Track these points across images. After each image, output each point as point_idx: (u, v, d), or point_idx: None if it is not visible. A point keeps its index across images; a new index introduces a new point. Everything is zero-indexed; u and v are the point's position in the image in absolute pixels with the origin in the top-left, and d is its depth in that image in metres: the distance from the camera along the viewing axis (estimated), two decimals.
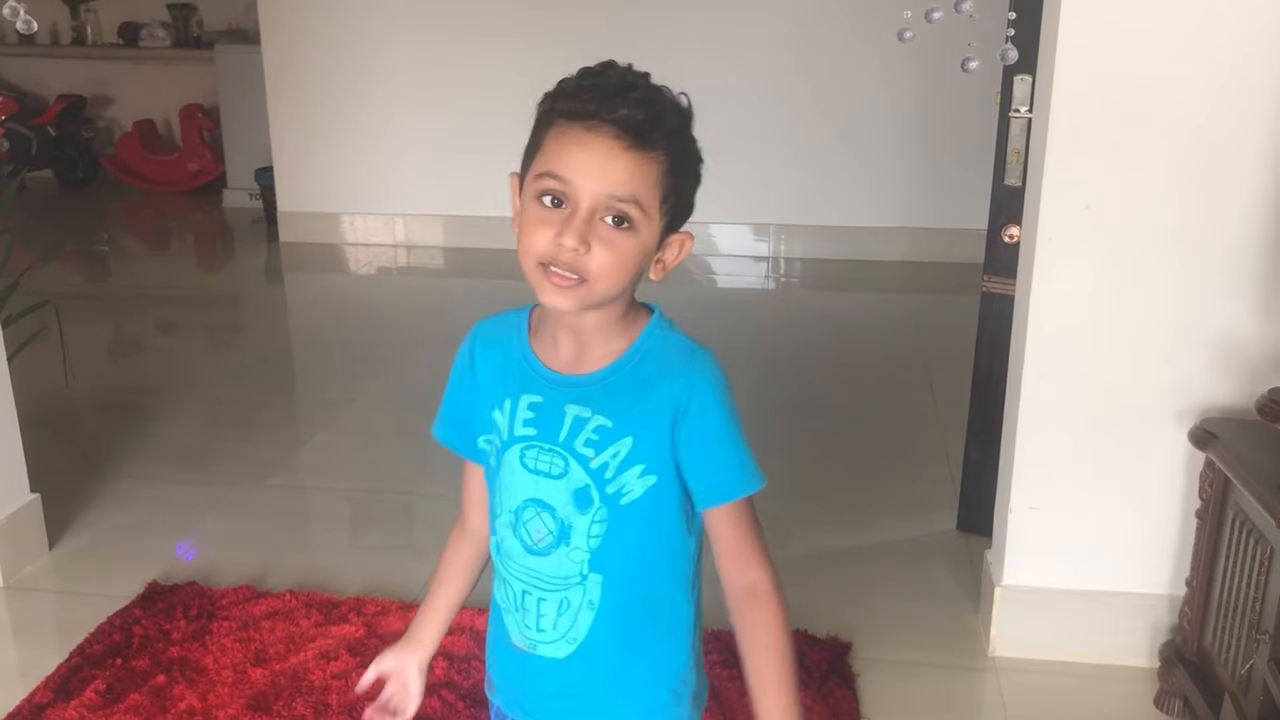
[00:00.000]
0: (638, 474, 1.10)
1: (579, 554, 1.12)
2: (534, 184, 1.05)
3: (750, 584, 1.14)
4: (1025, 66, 2.24)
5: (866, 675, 2.15)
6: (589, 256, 1.03)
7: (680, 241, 1.12)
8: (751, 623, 1.14)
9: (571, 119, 1.03)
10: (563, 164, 1.03)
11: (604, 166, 1.02)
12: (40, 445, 2.67)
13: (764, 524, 2.72)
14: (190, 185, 6.77)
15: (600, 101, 1.02)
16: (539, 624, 1.16)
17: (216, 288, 5.43)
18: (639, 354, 1.11)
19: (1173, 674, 2.01)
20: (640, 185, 1.03)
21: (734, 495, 1.13)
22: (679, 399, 1.09)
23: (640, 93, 1.04)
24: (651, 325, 1.13)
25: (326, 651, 2.15)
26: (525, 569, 1.15)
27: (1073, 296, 2.04)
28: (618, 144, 1.02)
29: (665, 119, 1.05)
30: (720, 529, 1.15)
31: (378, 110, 5.39)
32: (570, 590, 1.14)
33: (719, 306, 4.81)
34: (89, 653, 2.16)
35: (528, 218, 1.06)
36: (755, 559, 1.14)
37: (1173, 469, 2.08)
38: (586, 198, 1.02)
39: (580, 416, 1.10)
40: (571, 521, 1.11)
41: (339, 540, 2.74)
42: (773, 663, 1.13)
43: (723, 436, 1.11)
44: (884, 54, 4.90)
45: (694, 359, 1.11)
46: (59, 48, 6.94)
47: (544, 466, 1.11)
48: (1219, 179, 1.95)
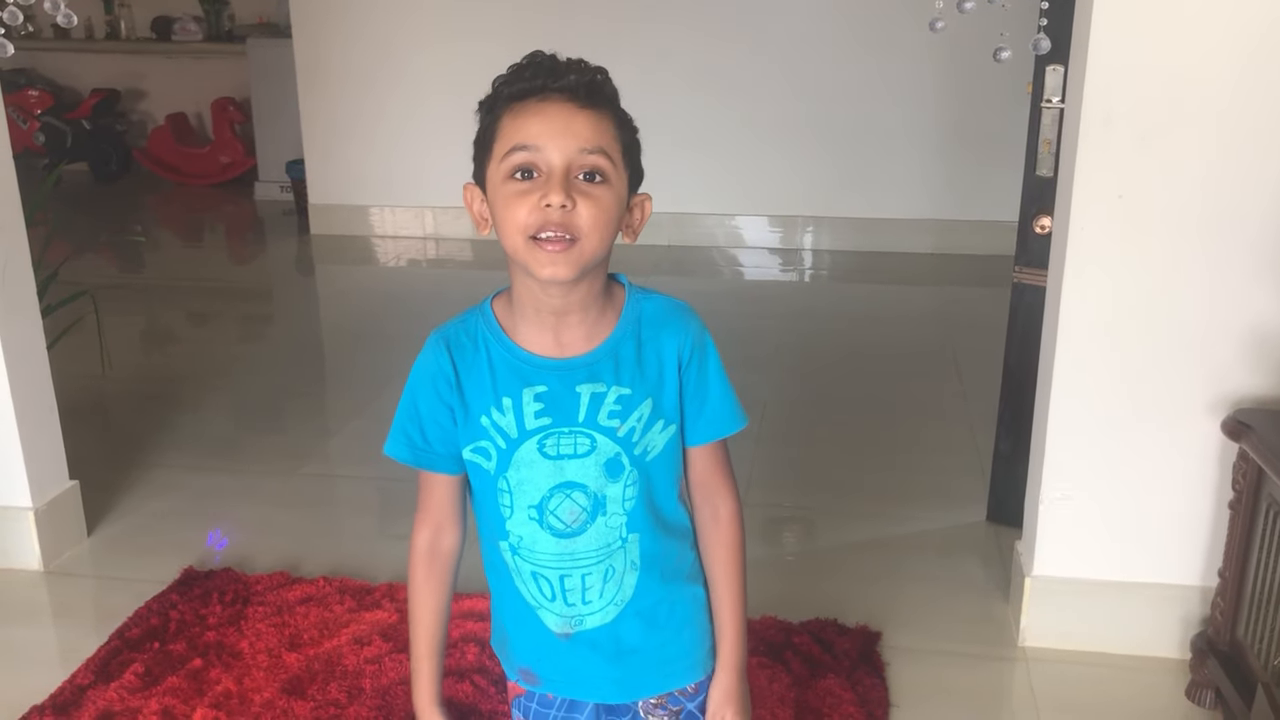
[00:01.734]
0: (661, 429, 1.16)
1: (616, 519, 1.16)
2: (501, 166, 1.08)
3: (716, 509, 1.23)
4: (1057, 56, 2.23)
5: (896, 664, 2.16)
6: (576, 213, 1.06)
7: (641, 203, 1.16)
8: (715, 541, 1.24)
9: (522, 98, 1.08)
10: (526, 133, 1.07)
11: (566, 125, 1.07)
12: (78, 433, 2.71)
13: (795, 515, 2.74)
14: (222, 178, 6.83)
15: (545, 75, 1.08)
16: (585, 598, 1.18)
17: (248, 279, 5.48)
18: (633, 320, 1.16)
19: (1205, 665, 2.00)
20: (603, 138, 1.08)
21: (725, 432, 1.21)
22: (683, 349, 1.16)
23: (577, 64, 1.10)
24: (630, 291, 1.18)
25: (360, 637, 2.18)
26: (558, 554, 1.17)
27: (1105, 287, 2.03)
28: (572, 104, 1.07)
29: (604, 86, 1.10)
30: (701, 463, 1.22)
31: (407, 103, 5.42)
32: (614, 557, 1.17)
33: (747, 299, 4.81)
34: (128, 636, 2.20)
35: (503, 197, 1.08)
36: (726, 489, 1.24)
37: (1205, 460, 2.08)
38: (558, 156, 1.06)
39: (597, 393, 1.13)
40: (605, 492, 1.15)
41: (370, 527, 2.77)
42: (731, 577, 1.25)
43: (719, 380, 1.19)
44: (913, 44, 4.89)
45: (687, 313, 1.19)
46: (93, 42, 7.01)
47: (567, 449, 1.14)
48: (1252, 169, 1.94)
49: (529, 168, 1.06)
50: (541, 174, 1.06)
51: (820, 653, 2.14)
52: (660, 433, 1.16)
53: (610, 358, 1.14)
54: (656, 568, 1.19)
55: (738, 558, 1.25)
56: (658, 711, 1.26)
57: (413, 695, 1.29)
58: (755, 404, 3.23)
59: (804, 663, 2.11)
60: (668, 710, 1.26)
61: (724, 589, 1.24)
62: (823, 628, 2.22)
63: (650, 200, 1.17)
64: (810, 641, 2.17)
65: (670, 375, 1.16)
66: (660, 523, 1.20)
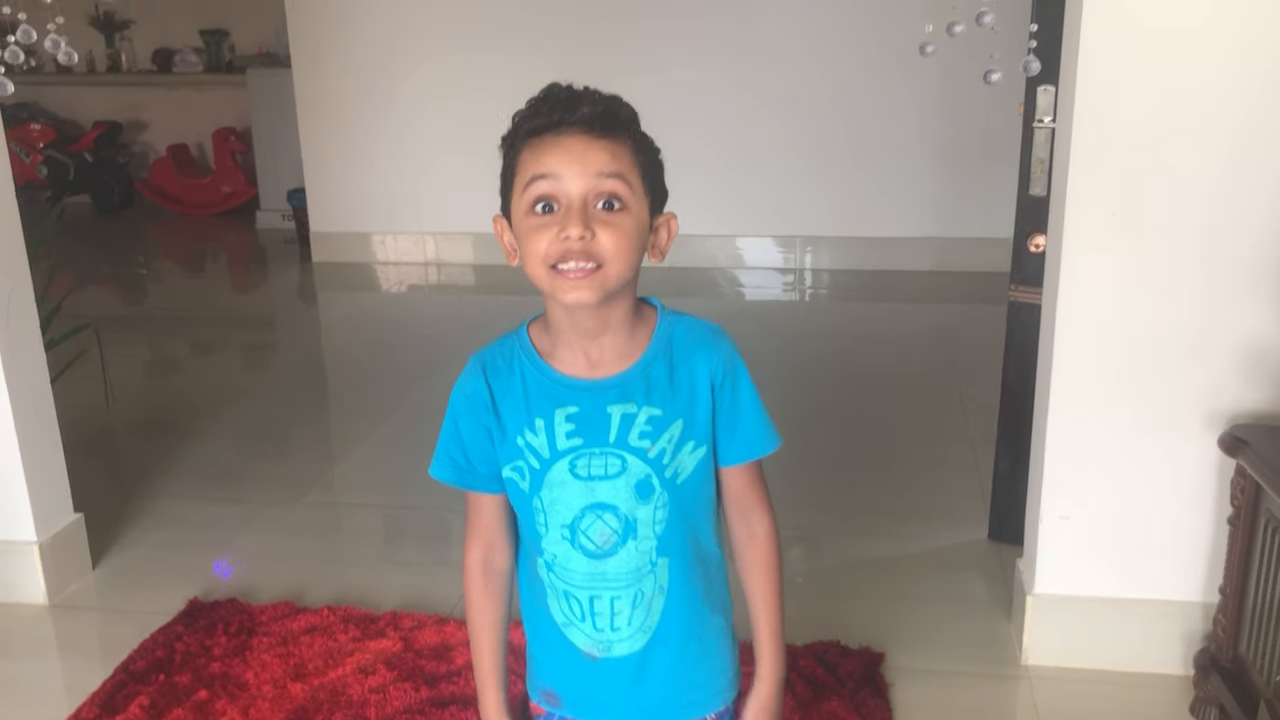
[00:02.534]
0: (690, 450, 1.17)
1: (647, 543, 1.17)
2: (522, 199, 1.11)
3: (753, 528, 1.25)
4: (1048, 77, 2.25)
5: (899, 685, 2.16)
6: (596, 241, 1.08)
7: (667, 222, 1.18)
8: (752, 560, 1.26)
9: (539, 133, 1.10)
10: (544, 165, 1.09)
11: (583, 155, 1.09)
12: (82, 466, 2.73)
13: (796, 536, 2.75)
14: (224, 208, 6.87)
15: (561, 108, 1.10)
16: (613, 623, 1.19)
17: (251, 308, 5.51)
18: (665, 342, 1.18)
19: (1208, 681, 2.00)
20: (620, 163, 1.10)
21: (759, 453, 1.23)
22: (716, 371, 1.18)
23: (591, 95, 1.12)
24: (662, 314, 1.20)
25: (365, 666, 2.18)
26: (589, 575, 1.18)
27: (1100, 304, 2.04)
28: (588, 135, 1.10)
29: (620, 113, 1.12)
30: (736, 482, 1.24)
31: (407, 130, 5.46)
32: (643, 581, 1.18)
33: (748, 318, 4.82)
34: (133, 669, 2.21)
35: (526, 230, 1.11)
36: (761, 507, 1.25)
37: (1204, 475, 2.08)
38: (576, 186, 1.08)
39: (628, 413, 1.15)
40: (636, 515, 1.16)
41: (375, 556, 2.78)
42: (769, 594, 1.26)
43: (752, 400, 1.21)
44: (908, 65, 4.91)
45: (719, 335, 1.21)
46: (95, 75, 7.08)
47: (598, 470, 1.15)
48: (1244, 185, 1.95)
49: (549, 200, 1.09)
50: (561, 206, 1.09)
51: (824, 675, 2.14)
52: (691, 454, 1.17)
53: (642, 378, 1.16)
54: (685, 594, 1.21)
55: (775, 575, 1.26)
56: None
57: (480, 708, 1.29)
58: None
59: (808, 685, 2.11)
60: None
61: (762, 605, 1.26)
62: (826, 650, 2.22)
63: (676, 219, 1.19)
64: (814, 664, 2.17)
65: (703, 396, 1.18)
66: (693, 548, 1.21)
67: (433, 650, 2.23)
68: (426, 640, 2.26)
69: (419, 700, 2.08)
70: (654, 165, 1.15)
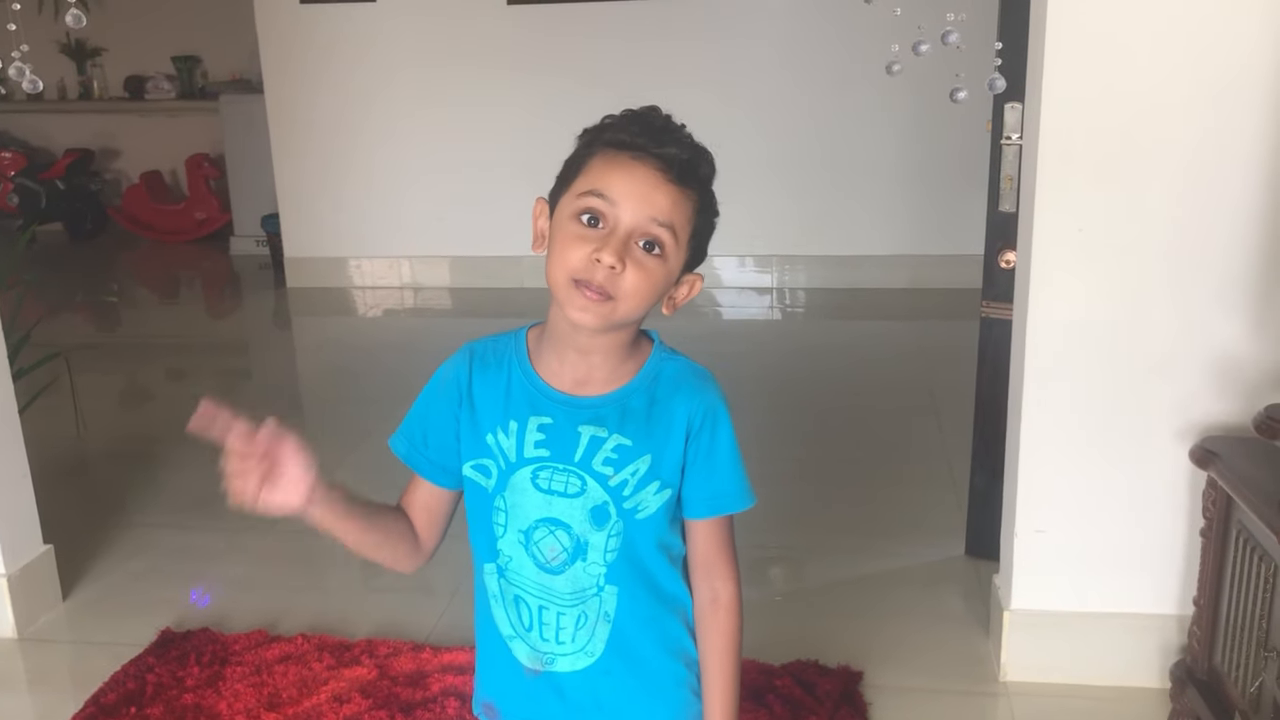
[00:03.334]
0: (654, 490, 1.15)
1: (595, 568, 1.16)
2: (574, 203, 1.10)
3: (716, 592, 1.21)
4: (1014, 94, 2.27)
5: (878, 703, 2.15)
6: (622, 276, 1.08)
7: (692, 281, 1.18)
8: (711, 628, 1.21)
9: (620, 148, 1.10)
10: (608, 185, 1.09)
11: (649, 193, 1.08)
12: (53, 496, 2.70)
13: (774, 555, 2.74)
14: (197, 234, 6.84)
15: (649, 136, 1.10)
16: (558, 636, 1.18)
17: (225, 334, 5.48)
18: (650, 377, 1.17)
19: (1184, 694, 2.00)
20: (677, 216, 1.10)
21: (730, 509, 1.20)
22: (694, 417, 1.16)
23: (684, 137, 1.12)
24: (657, 349, 1.19)
25: (339, 694, 2.16)
26: (539, 585, 1.17)
27: (1069, 319, 2.05)
28: (661, 175, 1.09)
29: (702, 165, 1.12)
30: (702, 538, 1.21)
31: (381, 154, 5.46)
32: (587, 604, 1.17)
33: (725, 338, 4.83)
34: (104, 702, 2.18)
35: (563, 234, 1.10)
36: (726, 570, 1.21)
37: (1176, 488, 2.09)
38: (627, 218, 1.08)
39: (597, 436, 1.14)
40: (588, 538, 1.15)
41: (350, 582, 2.75)
42: (726, 666, 1.21)
43: (729, 454, 1.18)
44: (881, 85, 4.93)
45: (706, 380, 1.19)
46: (66, 103, 7.04)
47: (559, 486, 1.14)
48: (1210, 199, 1.97)
49: (598, 215, 1.09)
50: (607, 227, 1.08)
51: (802, 695, 2.13)
52: (654, 495, 1.15)
53: (618, 406, 1.15)
54: (634, 629, 1.18)
55: (734, 646, 1.21)
56: None
57: None
58: None
59: (786, 706, 2.10)
60: None
61: (717, 676, 1.21)
62: (804, 669, 2.22)
63: (701, 280, 1.18)
64: (792, 684, 2.16)
65: (676, 439, 1.16)
66: (646, 584, 1.18)
67: (408, 677, 2.21)
68: (402, 667, 2.24)
69: None
70: (707, 227, 1.15)
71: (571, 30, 5.18)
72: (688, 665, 1.23)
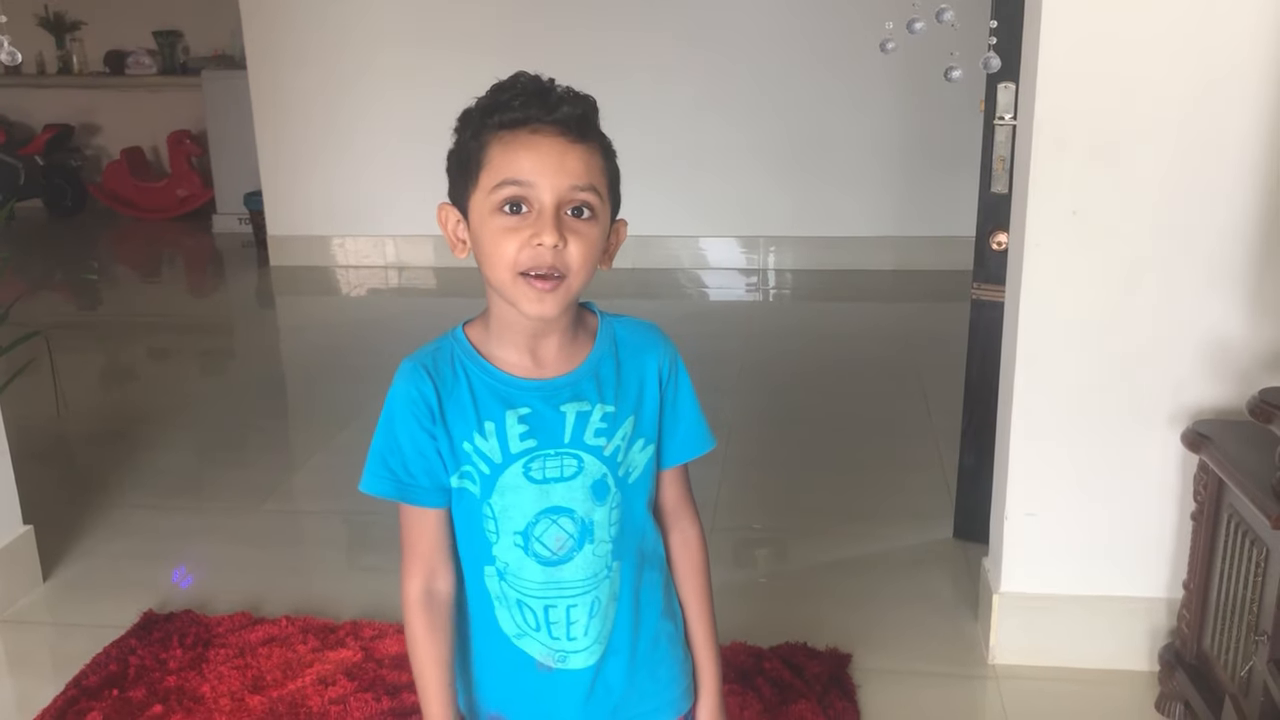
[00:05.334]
0: (640, 448, 1.16)
1: (604, 547, 1.15)
2: (489, 197, 1.07)
3: (685, 534, 1.25)
4: (1008, 74, 2.25)
5: (867, 686, 2.14)
6: (566, 251, 1.06)
7: (617, 229, 1.16)
8: (687, 565, 1.25)
9: (514, 127, 1.07)
10: (517, 168, 1.06)
11: (560, 161, 1.06)
12: (33, 477, 2.66)
13: (763, 537, 2.75)
14: (179, 211, 6.78)
15: (538, 104, 1.06)
16: (569, 633, 1.15)
17: (208, 313, 5.43)
18: (609, 340, 1.17)
19: (1173, 677, 2.00)
20: (593, 173, 1.08)
21: (698, 452, 1.22)
22: (663, 368, 1.18)
23: (566, 93, 1.09)
24: (603, 314, 1.19)
25: (324, 677, 2.14)
26: (544, 583, 1.14)
27: (1062, 302, 2.04)
28: (564, 139, 1.07)
29: (593, 116, 1.10)
30: (672, 486, 1.24)
31: (365, 132, 5.41)
32: (600, 587, 1.15)
33: (711, 319, 4.81)
34: (85, 684, 2.15)
35: (490, 231, 1.07)
36: (692, 511, 1.26)
37: (1167, 471, 2.09)
38: (549, 194, 1.05)
39: (582, 411, 1.13)
40: (592, 517, 1.13)
41: (335, 564, 2.73)
42: (704, 600, 1.27)
43: (690, 399, 1.21)
44: (870, 64, 4.93)
45: (658, 331, 1.21)
46: (45, 77, 6.96)
47: (553, 472, 1.12)
48: (1205, 182, 1.95)
49: (519, 201, 1.06)
50: (532, 210, 1.06)
51: (791, 677, 2.12)
52: (640, 452, 1.16)
53: (592, 377, 1.14)
54: (636, 600, 1.18)
55: (708, 580, 1.27)
56: None
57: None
58: (721, 425, 3.23)
59: (774, 688, 2.09)
60: None
61: (699, 611, 1.25)
62: (793, 652, 2.21)
63: (625, 225, 1.17)
64: (780, 666, 2.15)
65: (651, 394, 1.17)
66: (639, 551, 1.19)
67: (394, 660, 2.19)
68: (387, 649, 2.22)
69: (380, 711, 2.04)
70: (616, 172, 1.13)
71: (557, 10, 5.13)
72: (675, 621, 1.24)
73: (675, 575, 1.25)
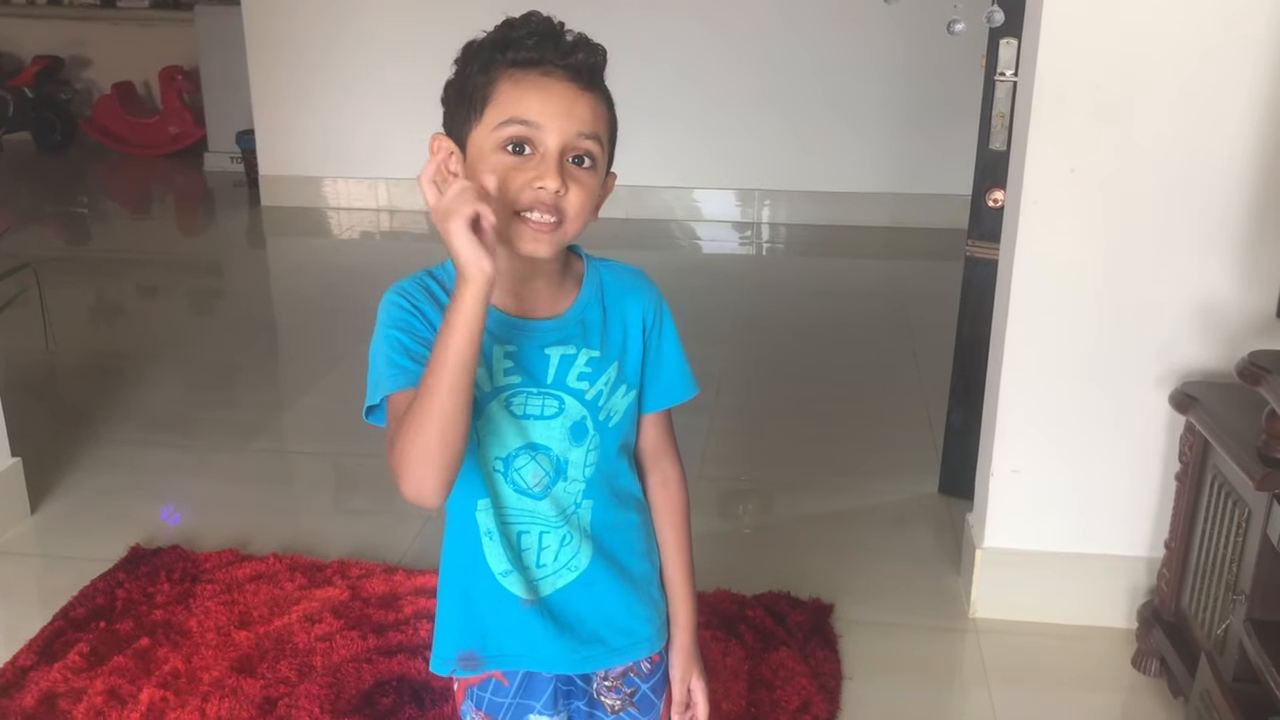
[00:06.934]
0: (622, 394, 1.16)
1: (575, 485, 1.15)
2: (493, 134, 1.06)
3: (665, 475, 1.26)
4: (1011, 29, 2.23)
5: (848, 636, 2.17)
6: (566, 197, 1.05)
7: (609, 181, 1.15)
8: (666, 508, 1.26)
9: (526, 66, 1.05)
10: (526, 108, 1.05)
11: (569, 107, 1.05)
12: (21, 409, 2.66)
13: (749, 488, 2.75)
14: (171, 148, 6.70)
15: (553, 48, 1.06)
16: (539, 559, 1.16)
17: (198, 252, 5.39)
18: (595, 286, 1.17)
19: (1150, 635, 2.03)
20: (599, 123, 1.08)
21: (681, 398, 1.22)
22: (648, 314, 1.18)
23: (580, 39, 1.08)
24: (589, 257, 1.18)
25: (310, 614, 2.16)
26: (519, 510, 1.15)
27: (1056, 260, 2.04)
28: (575, 86, 1.06)
29: (602, 64, 1.09)
30: (653, 429, 1.24)
31: (360, 73, 5.34)
32: (570, 522, 1.16)
33: (704, 272, 4.80)
34: (72, 616, 2.16)
35: (490, 167, 1.06)
36: (673, 454, 1.27)
37: (1153, 432, 2.10)
38: (555, 138, 1.05)
39: (567, 354, 1.13)
40: (568, 456, 1.14)
41: (323, 504, 2.74)
42: (682, 540, 1.28)
43: (674, 345, 1.21)
44: (870, 17, 4.87)
45: (644, 277, 1.20)
46: (35, 8, 6.84)
47: (534, 410, 1.12)
48: (1203, 144, 1.95)
49: (524, 142, 1.05)
50: (535, 152, 1.05)
51: (773, 625, 2.15)
52: (623, 398, 1.16)
53: (577, 323, 1.14)
54: (607, 536, 1.19)
55: (687, 522, 1.28)
56: (612, 694, 1.25)
57: (457, 299, 1.00)
58: (710, 377, 3.23)
59: (757, 636, 2.11)
60: (623, 693, 1.25)
61: (676, 551, 1.27)
62: (776, 600, 2.23)
63: (615, 178, 1.16)
64: (763, 614, 2.18)
65: (635, 340, 1.17)
66: (613, 492, 1.19)
67: (380, 599, 2.21)
68: (374, 589, 2.24)
69: (365, 649, 2.06)
70: (616, 125, 1.13)
71: None
72: (651, 563, 1.26)
73: (654, 515, 1.26)
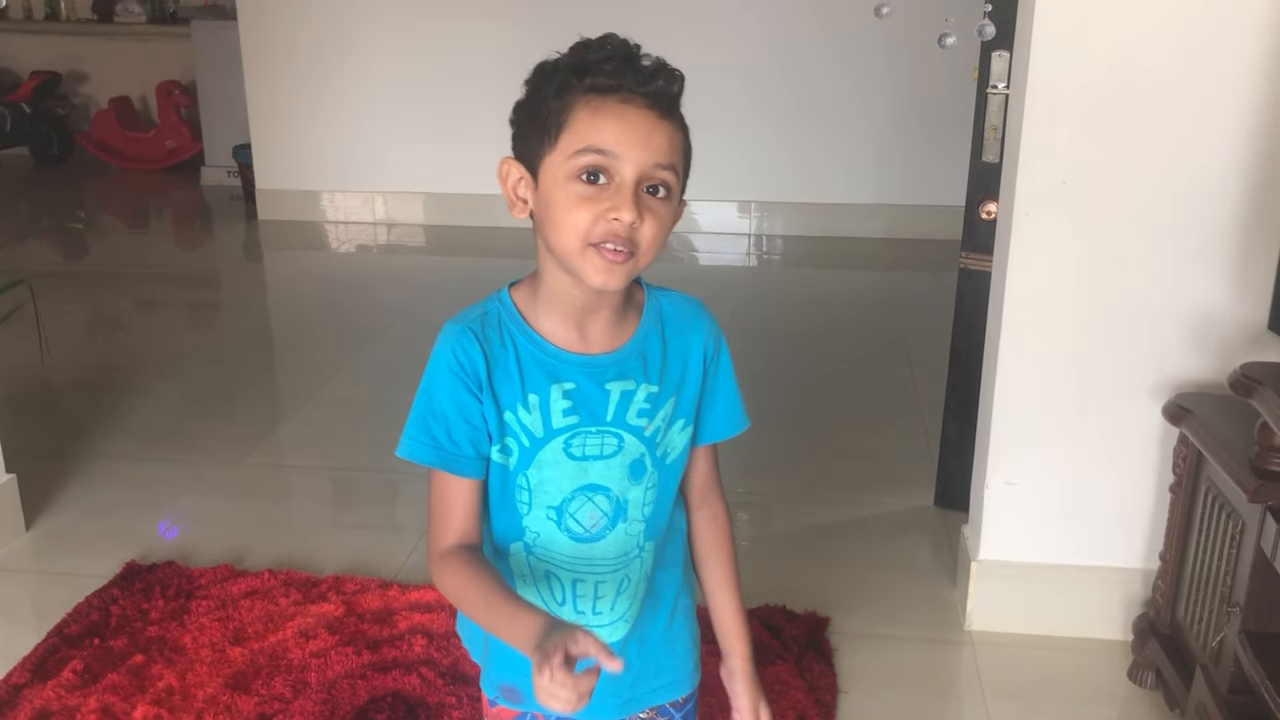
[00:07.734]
0: (680, 429, 1.14)
1: (636, 526, 1.13)
2: (568, 162, 1.02)
3: (715, 510, 1.25)
4: (1003, 42, 2.24)
5: (844, 649, 2.16)
6: (640, 229, 1.02)
7: (682, 207, 1.12)
8: (717, 541, 1.25)
9: (604, 93, 1.02)
10: (602, 137, 1.01)
11: (647, 137, 1.01)
12: (16, 425, 2.66)
13: (744, 501, 2.76)
14: (168, 163, 6.71)
15: (633, 75, 1.02)
16: (595, 608, 1.14)
17: (195, 266, 5.39)
18: (655, 317, 1.14)
19: (1146, 647, 2.03)
20: (676, 153, 1.05)
21: (733, 432, 1.20)
22: (709, 346, 1.16)
23: (659, 65, 1.05)
24: (649, 287, 1.16)
25: (305, 630, 2.15)
26: (574, 558, 1.13)
27: (1049, 272, 2.04)
28: (654, 115, 1.02)
29: (679, 91, 1.06)
30: (704, 463, 1.22)
31: (357, 86, 5.35)
32: (630, 566, 1.14)
33: (700, 283, 4.79)
34: (66, 633, 2.16)
35: (564, 197, 1.02)
36: (719, 489, 1.26)
37: (1147, 444, 2.10)
38: (632, 168, 1.01)
39: (627, 390, 1.10)
40: (627, 496, 1.12)
41: (318, 519, 2.74)
42: (734, 574, 1.26)
43: (730, 378, 1.19)
44: (864, 30, 4.89)
45: (702, 307, 1.18)
46: (32, 23, 6.86)
47: (593, 450, 1.10)
48: (1195, 156, 1.95)
49: (599, 171, 1.01)
50: (611, 182, 1.01)
51: (769, 639, 2.14)
52: (680, 432, 1.14)
53: (638, 355, 1.11)
54: (663, 577, 1.18)
55: (735, 553, 1.27)
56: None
57: (520, 637, 0.98)
58: None
59: (753, 649, 2.10)
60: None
61: (729, 585, 1.24)
62: (771, 614, 2.23)
63: (685, 206, 1.12)
64: (759, 628, 2.17)
65: (694, 373, 1.15)
66: (669, 530, 1.18)
67: (375, 614, 2.21)
68: (369, 604, 2.24)
69: (360, 664, 2.05)
70: (690, 151, 1.09)
71: None
72: (691, 595, 1.24)
73: (701, 548, 1.24)
